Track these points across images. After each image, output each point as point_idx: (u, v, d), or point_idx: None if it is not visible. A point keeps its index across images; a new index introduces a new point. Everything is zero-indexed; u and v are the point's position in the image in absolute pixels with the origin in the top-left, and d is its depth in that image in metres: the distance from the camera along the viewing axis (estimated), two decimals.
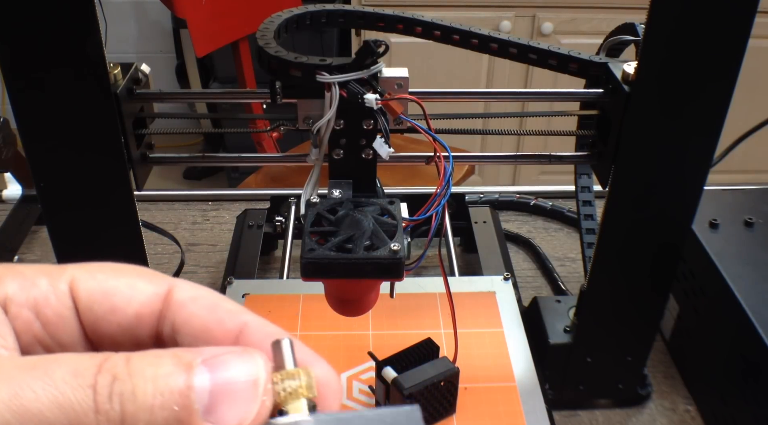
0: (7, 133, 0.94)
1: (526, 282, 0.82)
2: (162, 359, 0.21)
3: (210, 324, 0.24)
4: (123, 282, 0.24)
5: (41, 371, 0.20)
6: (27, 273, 0.24)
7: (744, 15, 0.44)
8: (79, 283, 0.24)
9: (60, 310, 0.24)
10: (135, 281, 0.24)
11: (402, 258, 0.41)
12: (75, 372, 0.20)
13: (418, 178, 1.46)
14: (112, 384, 0.20)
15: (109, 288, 0.24)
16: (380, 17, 0.53)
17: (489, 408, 0.55)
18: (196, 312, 0.24)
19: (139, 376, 0.20)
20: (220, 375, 0.21)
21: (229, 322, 0.24)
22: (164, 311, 0.24)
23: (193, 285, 0.25)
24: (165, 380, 0.20)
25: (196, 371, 0.20)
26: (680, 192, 0.52)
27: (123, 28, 2.40)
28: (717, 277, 0.61)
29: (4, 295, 0.23)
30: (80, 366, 0.20)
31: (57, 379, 0.20)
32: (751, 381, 0.57)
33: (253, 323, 0.24)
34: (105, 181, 0.51)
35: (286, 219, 0.79)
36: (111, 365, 0.20)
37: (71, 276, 0.24)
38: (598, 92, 0.52)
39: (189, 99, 1.64)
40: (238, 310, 0.24)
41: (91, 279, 0.24)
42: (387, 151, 0.46)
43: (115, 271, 0.25)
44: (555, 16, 1.93)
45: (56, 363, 0.20)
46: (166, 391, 0.20)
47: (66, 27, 0.44)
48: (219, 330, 0.23)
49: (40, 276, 0.24)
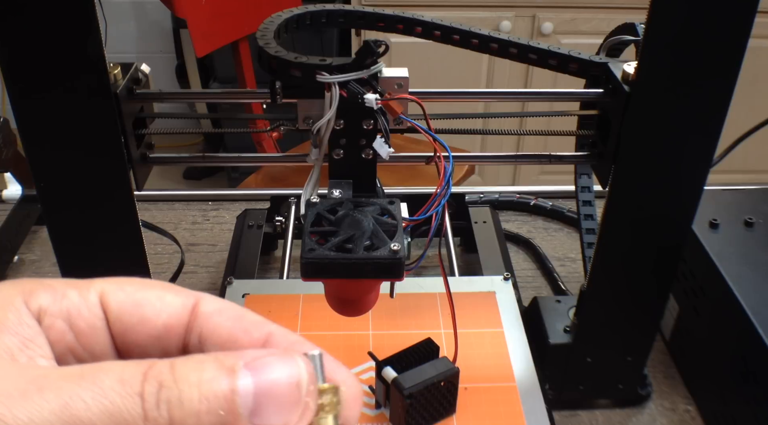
0: (7, 132, 0.94)
1: (526, 282, 0.82)
2: (205, 364, 0.21)
3: (237, 334, 0.24)
4: (152, 294, 0.25)
5: (89, 380, 0.20)
6: (57, 286, 0.24)
7: (744, 15, 0.44)
8: (109, 295, 0.24)
9: (92, 321, 0.24)
10: (163, 293, 0.25)
11: (402, 258, 0.41)
12: (122, 380, 0.20)
13: (418, 178, 1.46)
14: (159, 392, 0.20)
15: (138, 300, 0.25)
16: (380, 17, 0.53)
17: (489, 408, 0.55)
18: (222, 323, 0.24)
19: (185, 382, 0.20)
20: (263, 378, 0.21)
21: (255, 332, 0.24)
22: (191, 322, 0.25)
23: (218, 299, 0.25)
24: (209, 385, 0.20)
25: (239, 374, 0.21)
26: (680, 192, 0.52)
27: (123, 28, 2.40)
28: (717, 277, 0.61)
29: (38, 307, 0.23)
30: (126, 374, 0.20)
31: (105, 388, 0.20)
32: (751, 381, 0.57)
33: (277, 332, 0.24)
34: (105, 181, 0.51)
35: (286, 219, 0.79)
36: (156, 372, 0.21)
37: (100, 289, 0.25)
38: (598, 92, 0.52)
39: (189, 99, 1.65)
40: (263, 321, 0.25)
41: (120, 291, 0.25)
42: (387, 151, 0.46)
43: (143, 284, 0.25)
44: (555, 16, 1.93)
45: (103, 372, 0.20)
46: (212, 396, 0.20)
47: (66, 27, 0.44)
48: (246, 340, 0.24)
49: (70, 288, 0.24)
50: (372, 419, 0.55)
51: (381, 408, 0.55)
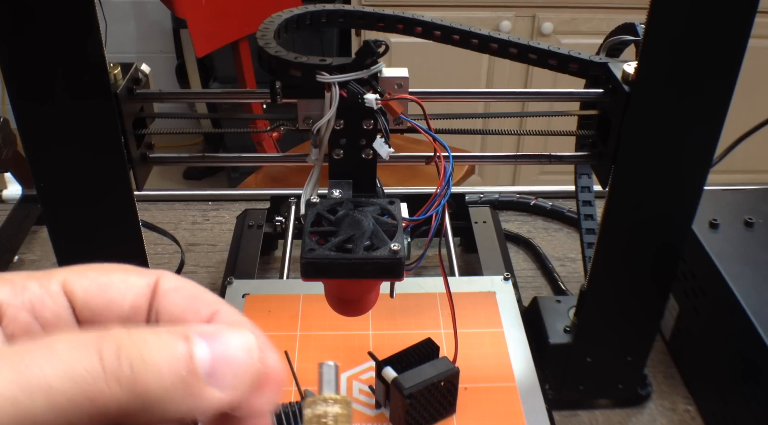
0: (7, 132, 0.94)
1: (526, 282, 0.82)
2: (159, 330, 0.22)
3: (186, 312, 0.25)
4: (116, 277, 0.25)
5: (42, 348, 0.20)
6: (16, 279, 0.24)
7: (744, 15, 0.44)
8: (73, 283, 0.24)
9: (56, 310, 0.24)
10: (126, 275, 0.25)
11: (402, 258, 0.41)
12: (77, 344, 0.20)
13: (418, 178, 1.46)
14: (118, 350, 0.20)
15: (103, 284, 0.25)
16: (380, 17, 0.53)
17: (489, 408, 0.55)
18: (176, 300, 0.25)
19: (143, 342, 0.21)
20: (217, 345, 0.22)
21: (204, 310, 0.25)
22: (152, 301, 0.25)
23: (178, 277, 0.26)
24: (168, 347, 0.21)
25: (194, 340, 0.21)
26: (680, 192, 0.52)
27: (123, 28, 2.40)
28: (717, 277, 0.61)
29: None
30: (81, 339, 0.20)
31: (60, 352, 0.20)
32: (751, 381, 0.57)
33: (224, 311, 0.25)
34: (105, 180, 0.51)
35: (286, 219, 0.79)
36: (113, 335, 0.21)
37: (62, 278, 0.24)
38: (598, 92, 0.52)
39: (189, 99, 1.65)
40: (215, 301, 0.25)
41: (84, 277, 0.25)
42: (387, 151, 0.46)
43: (105, 269, 0.25)
44: (555, 16, 1.93)
45: (56, 340, 0.20)
46: (172, 357, 0.21)
47: (66, 27, 0.44)
48: (194, 318, 0.25)
49: (30, 280, 0.24)
50: (372, 419, 0.55)
51: (381, 408, 0.55)
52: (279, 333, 0.61)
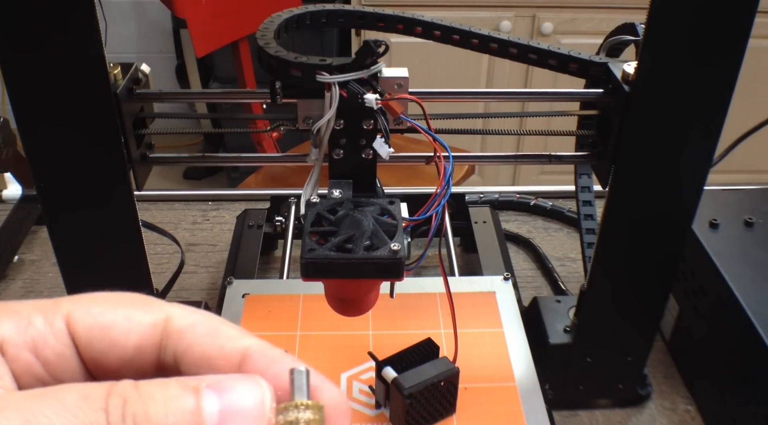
0: (7, 133, 0.94)
1: (526, 282, 0.82)
2: (168, 383, 0.21)
3: (211, 352, 0.24)
4: (119, 315, 0.24)
5: (51, 398, 0.20)
6: (22, 311, 0.24)
7: (744, 15, 0.44)
8: (76, 319, 0.24)
9: (59, 349, 0.24)
10: (131, 312, 0.24)
11: (402, 258, 0.41)
12: (85, 397, 0.20)
13: (418, 178, 1.46)
14: (124, 406, 0.20)
15: (106, 323, 0.24)
16: (380, 17, 0.53)
17: (489, 408, 0.55)
18: (196, 340, 0.24)
19: (150, 398, 0.20)
20: (227, 398, 0.21)
21: (230, 348, 0.24)
22: (164, 341, 0.24)
23: (190, 310, 0.25)
24: (175, 401, 0.21)
25: (203, 394, 0.21)
26: (680, 192, 0.52)
27: (123, 28, 2.40)
28: (717, 277, 0.61)
29: (1, 338, 0.23)
30: (89, 391, 0.20)
31: (68, 404, 0.20)
32: (751, 381, 0.57)
33: (254, 347, 0.24)
34: (105, 180, 0.51)
35: (286, 219, 0.79)
36: (120, 389, 0.21)
37: (66, 312, 0.24)
38: (598, 92, 0.52)
39: (189, 99, 1.65)
40: (238, 335, 0.24)
41: (87, 313, 0.24)
42: (387, 151, 0.46)
43: (110, 303, 0.24)
44: (555, 16, 1.93)
45: (64, 391, 0.20)
46: (178, 412, 0.20)
47: (66, 27, 0.44)
48: (221, 358, 0.24)
49: (36, 313, 0.24)
50: (372, 419, 0.55)
51: (381, 408, 0.55)
52: (279, 333, 0.61)
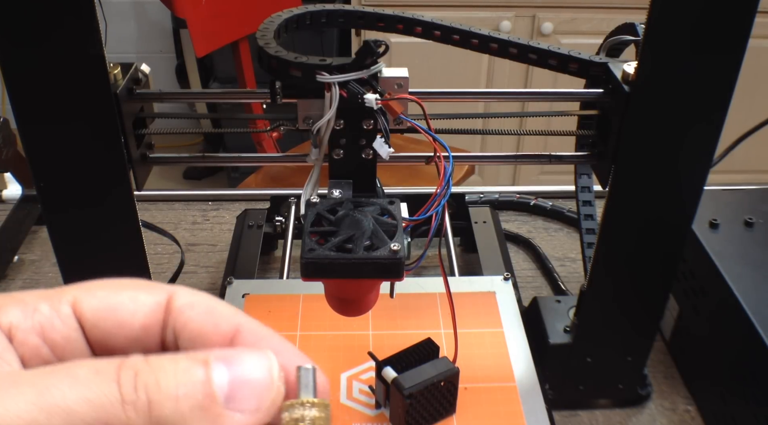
0: (7, 133, 0.94)
1: (526, 282, 0.82)
2: (178, 357, 0.22)
3: (206, 328, 0.24)
4: (125, 296, 0.25)
5: (63, 373, 0.20)
6: (27, 299, 0.24)
7: (744, 15, 0.44)
8: (82, 303, 0.24)
9: (66, 333, 0.24)
10: (136, 294, 0.25)
11: (402, 258, 0.41)
12: (97, 370, 0.21)
13: (418, 178, 1.46)
14: (135, 378, 0.21)
15: (112, 304, 0.24)
16: (380, 17, 0.53)
17: (489, 408, 0.55)
18: (193, 316, 0.25)
19: (161, 370, 0.21)
20: (236, 369, 0.22)
21: (224, 325, 0.25)
22: (166, 319, 0.25)
23: (191, 291, 0.25)
24: (185, 373, 0.21)
25: (213, 365, 0.22)
26: (680, 192, 0.52)
27: (123, 28, 2.40)
28: (717, 277, 0.61)
29: (9, 323, 0.23)
30: (101, 366, 0.21)
31: (81, 377, 0.20)
32: (751, 381, 0.57)
33: (246, 325, 0.25)
34: (105, 180, 0.51)
35: (286, 219, 0.79)
36: (131, 363, 0.21)
37: (72, 298, 0.24)
38: (598, 92, 0.52)
39: (189, 99, 1.65)
40: (233, 313, 0.25)
41: (93, 297, 0.24)
42: (387, 151, 0.46)
43: (115, 286, 0.25)
44: (555, 16, 1.93)
45: (77, 366, 0.21)
46: (189, 382, 0.21)
47: (66, 27, 0.44)
48: (214, 333, 0.24)
49: (41, 301, 0.24)
50: (372, 419, 0.55)
51: (381, 408, 0.55)
52: (279, 333, 0.61)
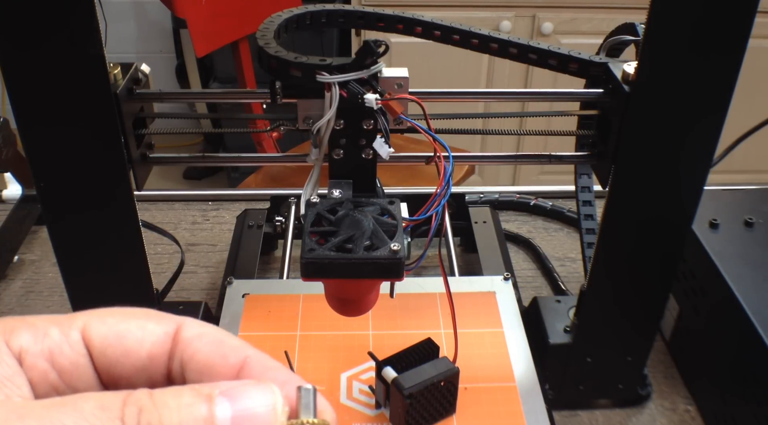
0: (7, 133, 0.94)
1: (526, 282, 0.82)
2: (183, 391, 0.22)
3: (214, 359, 0.25)
4: (133, 324, 0.25)
5: (70, 407, 0.20)
6: (38, 324, 0.24)
7: (744, 15, 0.44)
8: (91, 329, 0.25)
9: (74, 358, 0.24)
10: (145, 322, 0.25)
11: (402, 258, 0.41)
12: (102, 406, 0.21)
13: (418, 178, 1.46)
14: (139, 415, 0.21)
15: (120, 331, 0.25)
16: (380, 17, 0.53)
17: (489, 408, 0.55)
18: (201, 348, 0.25)
19: (164, 407, 0.21)
20: (239, 404, 0.22)
21: (232, 357, 0.25)
22: (173, 349, 0.25)
23: (200, 323, 0.26)
24: (189, 409, 0.21)
25: (216, 401, 0.21)
26: (680, 192, 0.52)
27: (123, 28, 2.40)
28: (717, 277, 0.61)
29: (19, 347, 0.23)
30: (106, 401, 0.21)
31: (86, 413, 0.20)
32: (751, 381, 0.57)
33: (254, 357, 0.25)
34: (105, 181, 0.51)
35: (286, 219, 0.79)
36: (135, 398, 0.21)
37: (82, 324, 0.25)
38: (598, 92, 0.52)
39: (189, 99, 1.65)
40: (241, 346, 0.25)
41: (102, 324, 0.25)
42: (387, 151, 0.46)
43: (125, 315, 0.25)
44: (555, 16, 1.93)
45: (82, 400, 0.21)
46: (191, 420, 0.21)
47: (66, 27, 0.44)
48: (222, 365, 0.24)
49: (51, 325, 0.24)
50: (372, 419, 0.55)
51: (381, 408, 0.55)
52: (279, 333, 0.61)
